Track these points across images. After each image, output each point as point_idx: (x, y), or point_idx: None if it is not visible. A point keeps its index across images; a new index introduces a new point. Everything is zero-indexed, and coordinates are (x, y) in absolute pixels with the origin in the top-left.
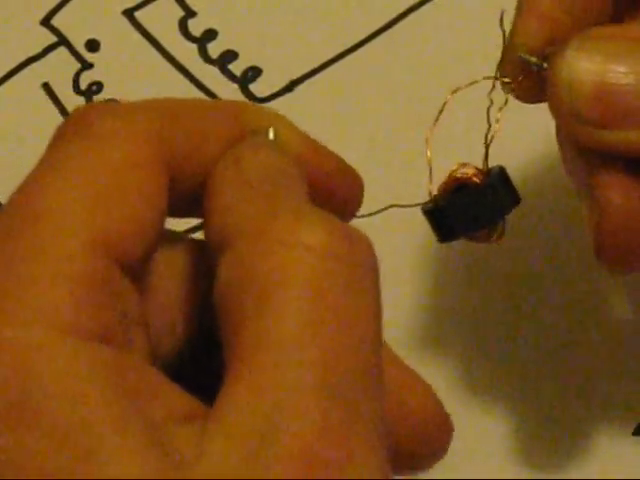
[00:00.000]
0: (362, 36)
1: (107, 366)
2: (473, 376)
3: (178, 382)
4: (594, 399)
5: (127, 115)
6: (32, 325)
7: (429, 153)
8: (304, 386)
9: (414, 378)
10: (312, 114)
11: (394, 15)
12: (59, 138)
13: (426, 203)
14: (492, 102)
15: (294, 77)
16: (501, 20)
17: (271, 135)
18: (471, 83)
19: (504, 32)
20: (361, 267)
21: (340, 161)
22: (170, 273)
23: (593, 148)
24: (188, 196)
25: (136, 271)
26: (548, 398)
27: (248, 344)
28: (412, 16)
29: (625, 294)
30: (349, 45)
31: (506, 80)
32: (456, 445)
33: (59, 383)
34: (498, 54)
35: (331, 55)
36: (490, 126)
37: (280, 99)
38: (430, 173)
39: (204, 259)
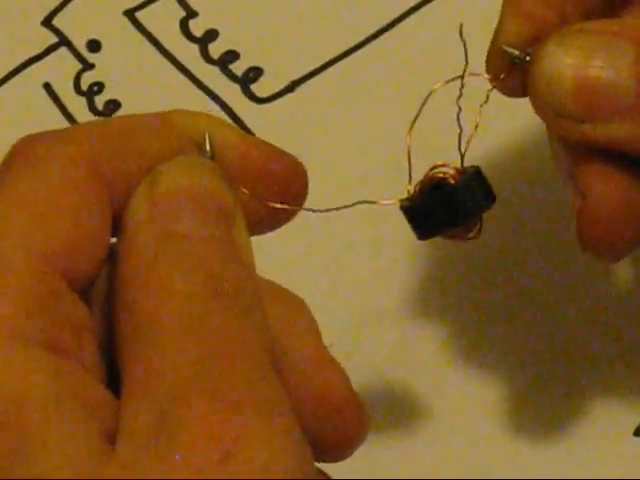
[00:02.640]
0: (363, 36)
1: (46, 369)
2: (465, 377)
3: None
4: (594, 399)
5: (60, 141)
6: None
7: (409, 149)
8: (182, 381)
9: (328, 360)
10: (313, 114)
11: (395, 16)
12: (2, 168)
13: (402, 201)
14: (460, 109)
15: (295, 77)
16: (460, 32)
17: (207, 145)
18: (450, 80)
19: (465, 44)
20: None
21: (275, 149)
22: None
23: (574, 141)
24: None
25: (86, 284)
26: (547, 399)
27: (128, 351)
28: (413, 16)
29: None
30: (350, 45)
31: (487, 77)
32: (451, 437)
33: None
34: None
35: (332, 55)
36: (461, 130)
37: (281, 99)
38: (410, 170)
39: None
